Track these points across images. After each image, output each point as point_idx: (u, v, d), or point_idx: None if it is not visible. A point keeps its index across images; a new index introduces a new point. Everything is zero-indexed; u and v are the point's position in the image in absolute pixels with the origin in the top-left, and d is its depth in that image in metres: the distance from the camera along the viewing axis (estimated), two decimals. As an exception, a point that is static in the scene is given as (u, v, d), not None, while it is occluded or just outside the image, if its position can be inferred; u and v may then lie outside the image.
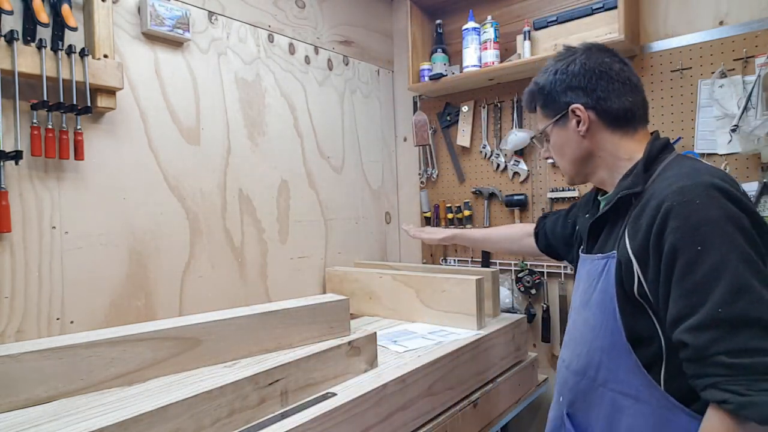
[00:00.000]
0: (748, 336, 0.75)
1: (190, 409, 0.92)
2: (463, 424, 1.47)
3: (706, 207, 0.81)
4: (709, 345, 0.77)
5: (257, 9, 1.89)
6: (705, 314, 0.78)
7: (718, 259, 0.78)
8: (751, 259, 0.78)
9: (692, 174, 0.86)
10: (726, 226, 0.79)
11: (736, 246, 0.79)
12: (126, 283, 1.50)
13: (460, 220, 2.34)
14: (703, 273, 0.79)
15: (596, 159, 1.04)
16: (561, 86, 1.03)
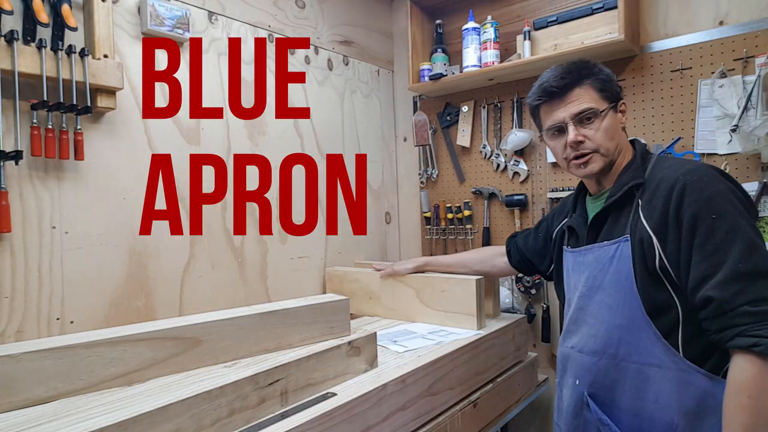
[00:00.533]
0: (765, 286, 0.87)
1: (190, 409, 0.92)
2: (463, 424, 1.47)
3: (714, 182, 0.96)
4: (734, 297, 0.88)
5: (257, 9, 1.89)
6: (728, 271, 0.90)
7: (732, 224, 0.92)
8: (752, 224, 0.94)
9: (685, 163, 1.04)
10: (732, 197, 0.95)
11: (741, 212, 0.94)
12: (126, 283, 1.50)
13: (460, 220, 2.34)
14: (721, 237, 0.92)
15: (616, 151, 1.14)
16: (615, 80, 1.17)
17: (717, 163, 1.70)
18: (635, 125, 1.87)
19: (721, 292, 0.89)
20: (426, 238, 2.49)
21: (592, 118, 1.12)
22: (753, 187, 1.61)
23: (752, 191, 1.61)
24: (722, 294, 0.89)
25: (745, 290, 0.87)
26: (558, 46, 1.94)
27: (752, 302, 0.87)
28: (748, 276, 0.88)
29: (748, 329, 0.86)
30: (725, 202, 0.94)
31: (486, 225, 2.26)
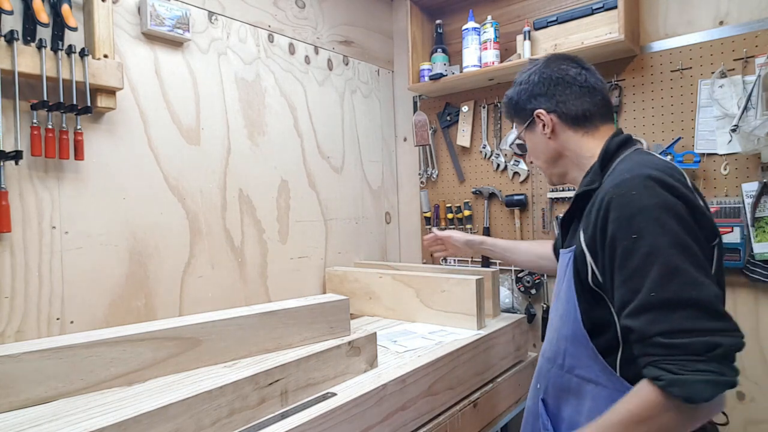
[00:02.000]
0: (683, 317, 0.78)
1: (190, 409, 0.92)
2: (463, 424, 1.47)
3: (641, 197, 0.85)
4: (648, 327, 0.81)
5: (257, 9, 1.89)
6: (641, 299, 0.82)
7: (650, 245, 0.82)
8: (685, 244, 0.82)
9: (634, 168, 0.91)
10: (659, 214, 0.83)
11: (667, 232, 0.82)
12: (126, 283, 1.50)
13: (460, 220, 2.34)
14: (638, 260, 0.83)
15: (565, 159, 1.13)
16: (525, 95, 1.15)
17: (717, 163, 1.70)
18: (635, 125, 1.87)
19: (634, 321, 0.83)
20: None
21: (524, 144, 1.21)
22: (753, 187, 1.61)
23: (752, 191, 1.61)
24: (637, 323, 0.82)
25: (658, 320, 0.79)
26: (558, 46, 1.94)
27: (665, 333, 0.79)
28: (662, 305, 0.80)
29: (659, 361, 0.79)
30: (648, 221, 0.83)
31: (486, 225, 2.26)
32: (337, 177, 2.24)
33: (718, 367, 0.75)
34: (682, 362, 0.76)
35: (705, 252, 0.85)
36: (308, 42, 2.10)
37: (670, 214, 0.83)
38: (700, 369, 0.75)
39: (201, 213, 1.70)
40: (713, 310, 0.78)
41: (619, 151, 1.04)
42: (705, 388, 0.74)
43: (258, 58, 1.89)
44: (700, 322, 0.77)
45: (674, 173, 0.90)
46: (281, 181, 1.97)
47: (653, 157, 0.97)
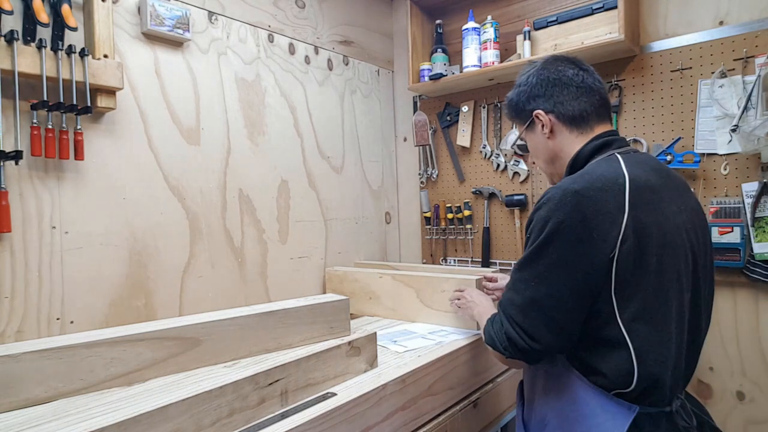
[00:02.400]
0: (507, 295, 1.05)
1: (190, 409, 0.92)
2: (463, 424, 1.47)
3: (553, 210, 0.97)
4: (503, 296, 1.08)
5: (257, 9, 1.89)
6: (512, 279, 1.06)
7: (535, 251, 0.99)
8: (558, 260, 0.97)
9: (573, 180, 1.00)
10: (555, 226, 0.96)
11: (549, 245, 0.97)
12: (126, 283, 1.50)
13: (460, 220, 2.34)
14: (525, 255, 1.02)
15: (561, 159, 1.16)
16: (524, 97, 1.18)
17: (717, 163, 1.70)
18: (635, 125, 1.87)
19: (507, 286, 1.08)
20: (426, 238, 2.49)
21: (525, 145, 1.26)
22: (753, 187, 1.61)
23: (752, 191, 1.61)
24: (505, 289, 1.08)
25: (505, 295, 1.06)
26: (558, 46, 1.95)
27: (502, 303, 1.07)
28: (512, 289, 1.04)
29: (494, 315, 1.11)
30: (544, 230, 0.97)
31: (486, 225, 2.26)
32: (337, 177, 2.24)
33: (498, 333, 1.05)
34: (494, 318, 1.09)
35: (588, 267, 0.95)
36: (308, 42, 2.10)
37: (560, 233, 0.96)
38: (493, 327, 1.07)
39: (201, 213, 1.70)
40: (523, 307, 1.00)
41: (592, 156, 1.09)
42: (487, 336, 1.10)
43: (258, 58, 1.89)
44: (511, 307, 1.03)
45: (609, 186, 0.96)
46: (281, 181, 1.97)
47: (609, 167, 1.02)
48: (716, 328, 1.74)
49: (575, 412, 1.01)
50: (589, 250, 0.94)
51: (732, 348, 1.71)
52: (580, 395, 1.01)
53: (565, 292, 0.96)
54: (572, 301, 0.96)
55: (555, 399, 1.06)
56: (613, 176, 0.98)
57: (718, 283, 1.73)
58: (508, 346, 1.02)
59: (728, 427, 1.73)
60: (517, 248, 2.18)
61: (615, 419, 0.95)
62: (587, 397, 1.00)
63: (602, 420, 0.97)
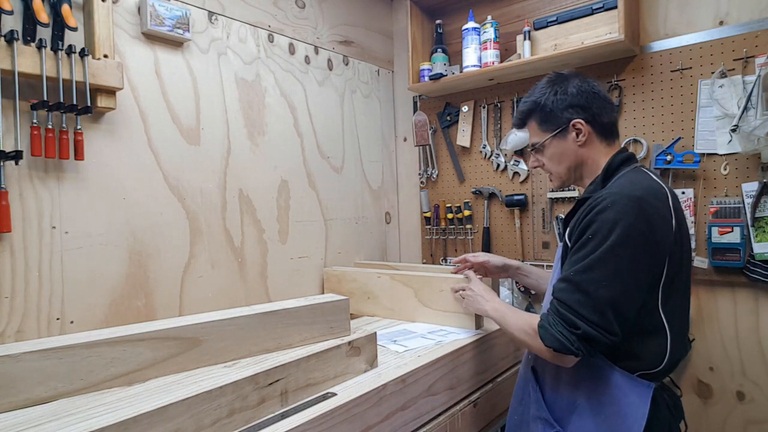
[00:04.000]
0: (576, 299, 1.05)
1: (190, 409, 0.92)
2: (463, 424, 1.47)
3: (619, 214, 1.04)
4: (557, 290, 1.10)
5: (257, 9, 1.89)
6: (568, 273, 1.09)
7: (601, 248, 1.04)
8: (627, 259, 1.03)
9: (626, 186, 1.09)
10: (623, 231, 1.03)
11: (618, 246, 1.03)
12: (126, 283, 1.50)
13: (460, 220, 2.34)
14: (586, 251, 1.07)
15: (585, 166, 1.25)
16: (562, 105, 1.23)
17: (717, 163, 1.70)
18: (635, 125, 1.87)
19: (558, 284, 1.11)
20: (426, 238, 2.49)
21: (540, 148, 1.28)
22: (753, 187, 1.61)
23: (752, 191, 1.61)
24: (556, 285, 1.11)
25: (565, 290, 1.08)
26: (558, 46, 1.95)
27: (560, 301, 1.08)
28: (574, 283, 1.06)
29: (549, 312, 1.10)
30: (612, 232, 1.03)
31: (486, 225, 2.26)
32: (337, 177, 2.24)
33: (569, 336, 1.04)
34: (555, 321, 1.08)
35: (652, 266, 1.05)
36: (308, 42, 2.10)
37: (631, 236, 1.03)
38: (559, 330, 1.06)
39: (201, 213, 1.70)
40: (598, 306, 1.03)
41: (620, 167, 1.19)
42: (552, 340, 1.07)
43: (258, 58, 1.89)
44: (583, 308, 1.04)
45: (659, 195, 1.09)
46: (281, 181, 1.97)
47: (647, 178, 1.13)
48: (716, 328, 1.74)
49: (606, 394, 1.11)
50: (654, 250, 1.05)
51: (732, 348, 1.71)
52: (612, 380, 1.10)
53: (634, 289, 1.05)
54: (638, 297, 1.06)
55: (585, 383, 1.13)
56: (657, 186, 1.11)
57: (718, 283, 1.73)
58: (581, 346, 1.04)
59: (728, 427, 1.73)
60: (517, 248, 2.18)
61: (640, 397, 1.08)
62: (617, 380, 1.09)
63: (631, 399, 1.08)
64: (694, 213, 1.74)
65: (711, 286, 1.74)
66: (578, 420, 1.14)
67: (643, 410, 1.07)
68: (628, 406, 1.08)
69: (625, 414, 1.08)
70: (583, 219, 1.09)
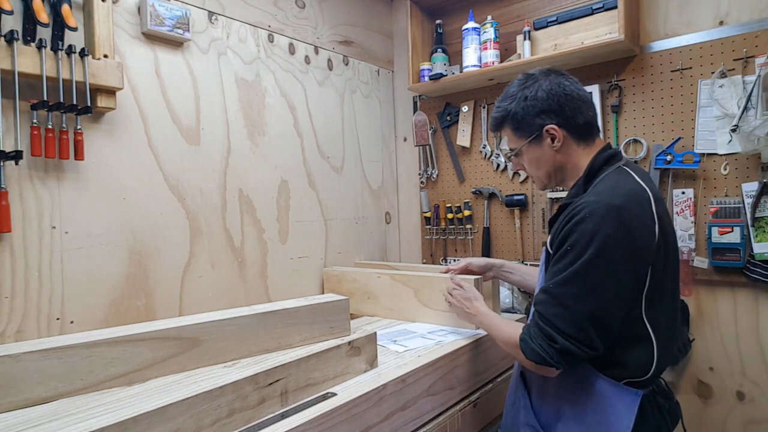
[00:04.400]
0: (555, 312, 1.05)
1: (190, 409, 0.92)
2: (463, 424, 1.47)
3: (598, 224, 1.01)
4: (538, 303, 1.10)
5: (257, 9, 1.89)
6: (548, 285, 1.08)
7: (581, 260, 1.02)
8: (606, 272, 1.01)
9: (606, 192, 1.06)
10: (601, 242, 1.00)
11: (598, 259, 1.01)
12: (126, 283, 1.50)
13: (460, 220, 2.34)
14: (566, 262, 1.05)
15: (565, 170, 1.22)
16: (533, 111, 1.19)
17: (717, 163, 1.70)
18: (635, 125, 1.87)
19: (538, 296, 1.11)
20: (426, 238, 2.49)
21: (518, 154, 1.26)
22: (753, 187, 1.61)
23: (752, 191, 1.61)
24: (537, 297, 1.11)
25: (544, 303, 1.07)
26: (558, 46, 1.95)
27: (539, 314, 1.08)
28: (552, 296, 1.06)
29: (530, 325, 1.11)
30: (591, 243, 1.01)
31: (486, 225, 2.26)
32: (337, 177, 2.24)
33: (547, 349, 1.04)
34: (535, 334, 1.08)
35: (633, 276, 1.03)
36: (308, 42, 2.10)
37: (610, 247, 1.00)
38: (538, 343, 1.06)
39: (201, 213, 1.70)
40: (576, 320, 1.02)
41: (602, 168, 1.16)
42: (532, 353, 1.07)
43: (258, 58, 1.89)
44: (561, 322, 1.03)
45: (641, 201, 1.05)
46: (281, 181, 1.97)
47: (629, 181, 1.09)
48: (716, 328, 1.74)
49: (591, 402, 1.10)
50: (635, 260, 1.02)
51: (732, 348, 1.71)
52: (597, 388, 1.09)
53: (615, 301, 1.03)
54: (620, 308, 1.04)
55: (570, 391, 1.13)
56: (639, 190, 1.07)
57: (718, 283, 1.73)
58: (560, 359, 1.04)
59: (728, 427, 1.73)
60: (517, 248, 2.18)
61: (626, 405, 1.07)
62: (603, 389, 1.09)
63: (616, 408, 1.07)
64: (694, 213, 1.74)
65: (711, 286, 1.74)
66: (563, 427, 1.13)
67: (629, 419, 1.05)
68: (614, 415, 1.07)
69: (610, 423, 1.07)
70: (563, 228, 1.07)
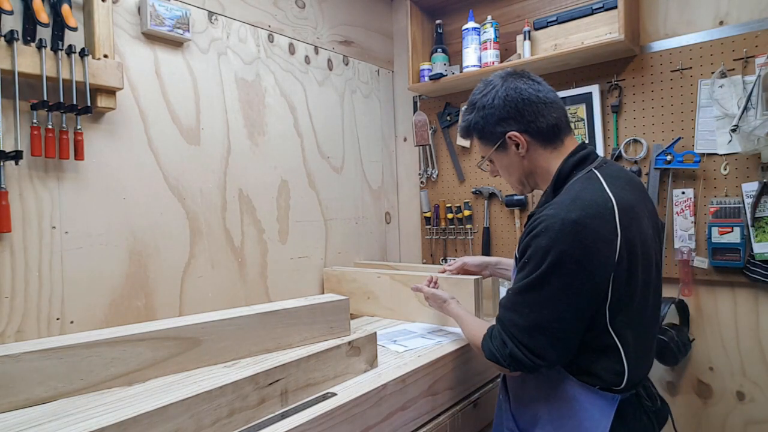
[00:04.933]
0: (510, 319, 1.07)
1: (190, 409, 0.92)
2: (463, 424, 1.47)
3: (553, 239, 1.00)
4: (500, 308, 1.12)
5: (257, 9, 1.89)
6: (509, 294, 1.10)
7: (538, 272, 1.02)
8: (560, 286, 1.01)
9: (565, 205, 1.03)
10: (555, 258, 0.99)
11: (552, 272, 1.01)
12: (126, 283, 1.50)
13: (460, 220, 2.34)
14: (523, 274, 1.06)
15: (536, 175, 1.20)
16: (492, 120, 1.16)
17: (717, 163, 1.70)
18: (635, 125, 1.87)
19: (501, 300, 1.12)
20: (426, 238, 2.49)
21: (490, 161, 1.25)
22: (753, 187, 1.61)
23: (752, 191, 1.61)
24: (501, 301, 1.12)
25: (506, 308, 1.09)
26: (558, 46, 1.95)
27: (499, 319, 1.11)
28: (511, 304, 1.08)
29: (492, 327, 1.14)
30: (546, 258, 1.00)
31: (486, 225, 2.26)
32: (337, 177, 2.24)
33: (501, 350, 1.07)
34: (495, 334, 1.11)
35: (590, 289, 1.00)
36: (308, 42, 2.10)
37: (563, 263, 0.99)
38: (495, 344, 1.09)
39: (201, 213, 1.70)
40: (528, 329, 1.04)
41: (572, 172, 1.12)
42: (488, 351, 1.11)
43: (258, 58, 1.89)
44: (514, 328, 1.06)
45: (603, 212, 1.01)
46: (281, 181, 1.97)
47: (594, 189, 1.05)
48: (716, 328, 1.74)
49: (566, 408, 1.09)
50: (591, 274, 1.00)
51: (732, 348, 1.71)
52: (570, 393, 1.08)
53: (568, 314, 1.01)
54: (575, 322, 1.02)
55: (546, 397, 1.12)
56: (602, 201, 1.02)
57: (718, 283, 1.73)
58: (511, 363, 1.06)
59: (728, 427, 1.73)
60: (517, 248, 2.17)
61: (601, 410, 1.06)
62: (577, 394, 1.08)
63: (591, 413, 1.06)
64: (694, 213, 1.74)
65: (711, 286, 1.74)
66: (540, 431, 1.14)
67: (605, 424, 1.05)
68: (588, 420, 1.07)
69: (584, 428, 1.07)
70: (524, 239, 1.07)
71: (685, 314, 1.76)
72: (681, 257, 1.75)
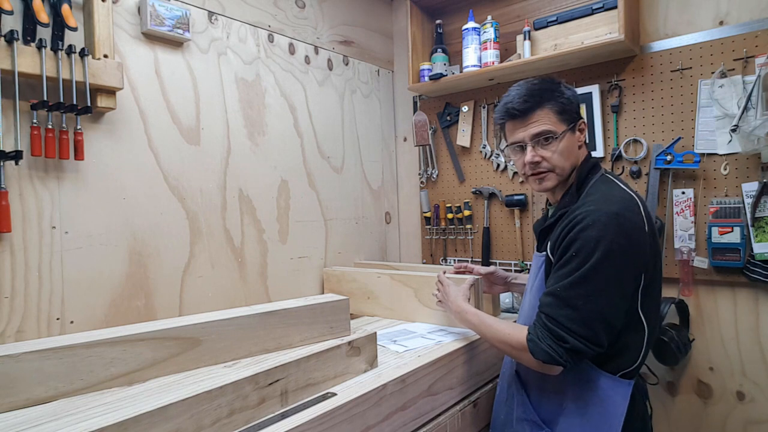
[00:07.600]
0: (564, 314, 1.10)
1: (190, 409, 0.92)
2: (463, 424, 1.47)
3: (600, 231, 1.08)
4: (544, 305, 1.14)
5: (257, 9, 1.89)
6: (554, 288, 1.13)
7: (587, 265, 1.09)
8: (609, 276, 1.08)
9: (602, 201, 1.13)
10: (606, 248, 1.07)
11: (602, 263, 1.08)
12: (126, 283, 1.50)
13: (460, 220, 2.34)
14: (571, 267, 1.11)
15: (575, 169, 1.27)
16: (576, 101, 1.27)
17: (717, 163, 1.70)
18: (635, 125, 1.87)
19: (544, 298, 1.15)
20: (426, 238, 2.49)
21: (550, 139, 1.22)
22: (753, 187, 1.61)
23: (752, 191, 1.61)
24: (543, 300, 1.15)
25: (552, 305, 1.12)
26: (558, 46, 1.95)
27: (548, 315, 1.12)
28: (560, 298, 1.11)
29: (537, 325, 1.14)
30: (596, 249, 1.08)
31: (486, 225, 2.26)
32: (337, 177, 2.24)
33: (557, 349, 1.09)
34: (543, 335, 1.12)
35: (633, 276, 1.12)
36: (308, 42, 2.10)
37: (613, 252, 1.08)
38: (548, 343, 1.10)
39: (201, 213, 1.70)
40: (586, 320, 1.08)
41: (589, 176, 1.24)
42: (541, 353, 1.11)
43: (258, 58, 1.89)
44: (572, 323, 1.09)
45: (633, 207, 1.13)
46: (281, 181, 1.97)
47: (618, 189, 1.18)
48: (716, 328, 1.74)
49: (592, 396, 1.18)
50: (635, 261, 1.11)
51: (732, 348, 1.71)
52: (597, 382, 1.17)
53: (619, 300, 1.11)
54: (623, 306, 1.12)
55: (572, 387, 1.20)
56: (628, 197, 1.15)
57: (718, 283, 1.73)
58: (569, 358, 1.10)
59: (728, 427, 1.73)
60: (517, 248, 2.18)
61: (622, 395, 1.17)
62: (601, 382, 1.17)
63: (614, 399, 1.16)
64: (694, 213, 1.74)
65: (711, 286, 1.74)
66: (565, 421, 1.21)
67: (623, 406, 1.16)
68: (612, 405, 1.17)
69: (608, 412, 1.17)
70: (566, 236, 1.14)
71: (685, 314, 1.77)
72: (681, 257, 1.75)
